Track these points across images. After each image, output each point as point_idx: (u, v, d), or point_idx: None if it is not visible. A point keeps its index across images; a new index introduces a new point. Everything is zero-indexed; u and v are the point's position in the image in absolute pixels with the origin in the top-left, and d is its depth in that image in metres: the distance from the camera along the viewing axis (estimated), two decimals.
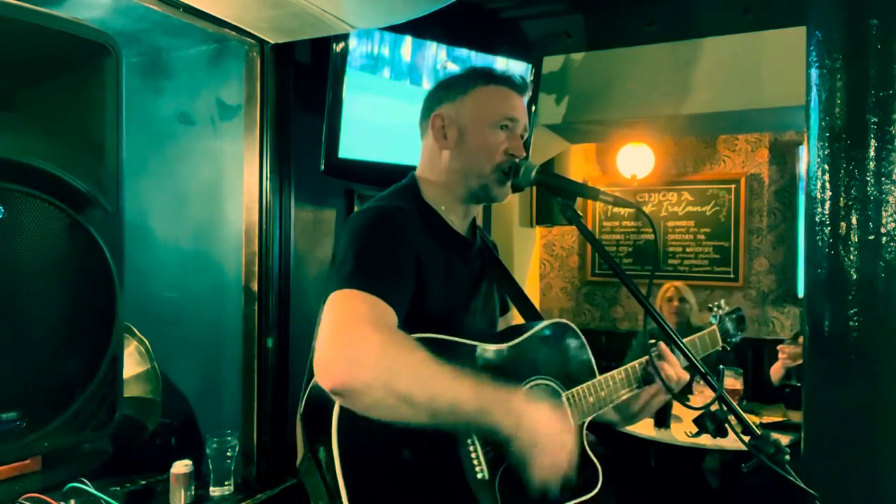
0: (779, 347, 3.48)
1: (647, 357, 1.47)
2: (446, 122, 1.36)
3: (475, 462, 1.20)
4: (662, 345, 1.48)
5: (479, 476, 1.20)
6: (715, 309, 1.79)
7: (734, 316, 1.81)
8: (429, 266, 1.26)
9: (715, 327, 1.75)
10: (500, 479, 1.21)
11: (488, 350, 1.30)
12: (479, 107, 1.35)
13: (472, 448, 1.21)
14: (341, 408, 1.08)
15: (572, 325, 1.48)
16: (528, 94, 1.44)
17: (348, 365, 1.01)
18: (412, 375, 1.03)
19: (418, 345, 1.08)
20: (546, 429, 1.11)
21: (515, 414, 1.09)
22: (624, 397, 1.47)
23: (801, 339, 3.12)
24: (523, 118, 1.38)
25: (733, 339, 1.79)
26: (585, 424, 1.43)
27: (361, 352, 1.01)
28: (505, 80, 1.39)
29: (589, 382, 1.41)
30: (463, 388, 1.06)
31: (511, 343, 1.36)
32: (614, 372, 1.46)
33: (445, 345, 1.22)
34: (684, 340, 1.55)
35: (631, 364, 1.49)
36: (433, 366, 1.06)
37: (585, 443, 1.42)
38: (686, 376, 1.47)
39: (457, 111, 1.36)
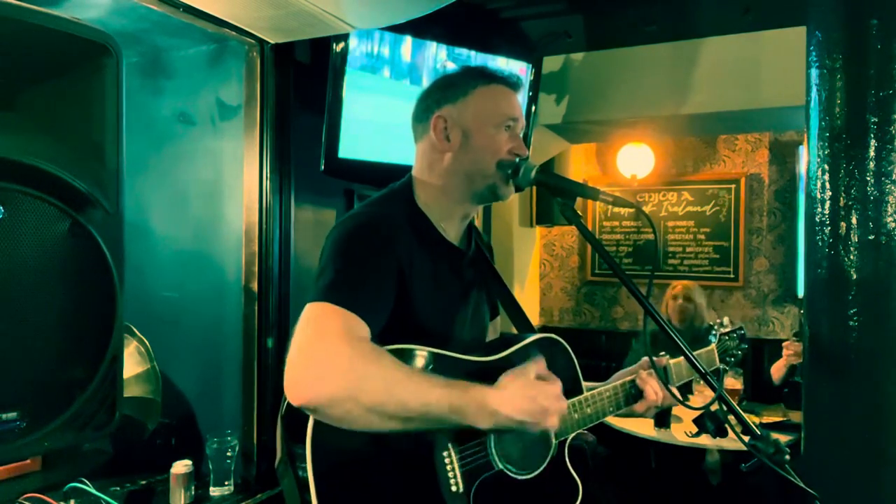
0: (784, 344, 3.47)
1: (635, 376, 1.48)
2: (449, 123, 1.33)
3: (450, 474, 1.19)
4: (645, 374, 1.49)
5: (454, 489, 1.19)
6: (716, 327, 1.77)
7: (735, 335, 1.79)
8: (415, 276, 1.24)
9: (713, 347, 1.72)
10: (474, 493, 1.21)
11: (470, 362, 1.28)
12: (483, 107, 1.33)
13: (447, 460, 1.19)
14: (316, 421, 1.08)
15: (561, 340, 1.46)
16: (523, 91, 1.43)
17: (314, 381, 1.02)
18: (379, 385, 1.03)
19: (386, 354, 1.07)
20: (525, 410, 1.12)
21: (490, 411, 1.09)
22: (611, 415, 1.47)
23: None
24: (522, 116, 1.38)
25: (733, 360, 1.77)
26: (569, 440, 1.42)
27: (327, 367, 1.02)
28: (503, 79, 1.38)
29: (575, 399, 1.40)
30: (433, 391, 1.06)
31: (496, 356, 1.34)
32: (602, 389, 1.45)
33: (425, 356, 1.21)
34: (678, 361, 1.56)
35: (621, 381, 1.49)
36: (400, 374, 1.06)
37: (567, 459, 1.41)
38: (665, 400, 1.48)
39: (459, 112, 1.33)
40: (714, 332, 1.76)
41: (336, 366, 1.02)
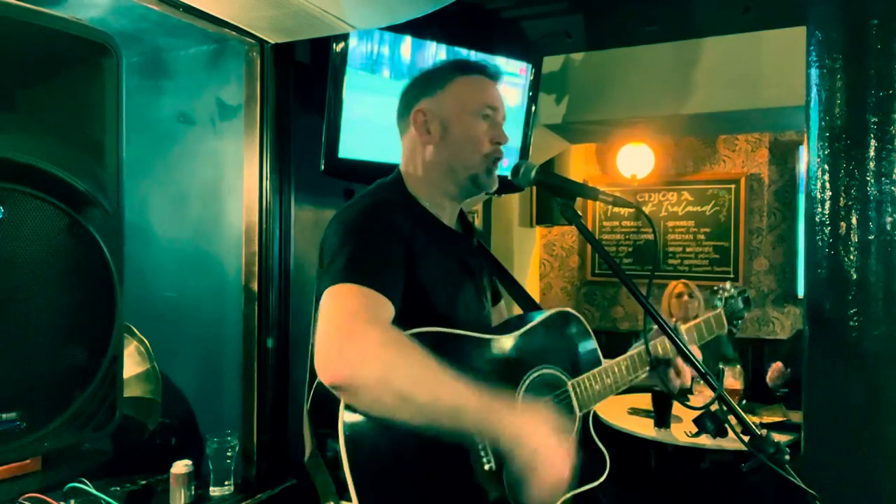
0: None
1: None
2: (428, 116, 1.36)
3: (482, 453, 1.20)
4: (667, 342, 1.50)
5: (487, 467, 1.19)
6: (720, 291, 1.77)
7: (740, 297, 1.78)
8: (419, 258, 1.25)
9: (721, 310, 1.73)
10: (507, 471, 1.21)
11: (491, 341, 1.30)
12: (459, 98, 1.36)
13: (479, 439, 1.20)
14: (347, 404, 1.08)
15: (575, 313, 1.50)
16: (503, 81, 1.44)
17: (349, 362, 1.01)
18: (414, 376, 1.03)
19: (419, 344, 1.07)
20: (545, 451, 1.10)
21: (516, 426, 1.09)
22: (630, 383, 1.49)
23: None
24: (502, 106, 1.40)
25: (739, 322, 1.76)
26: (592, 412, 1.44)
27: (362, 349, 1.02)
28: (480, 69, 1.40)
29: (595, 370, 1.43)
30: (465, 393, 1.06)
31: (514, 333, 1.36)
32: (620, 359, 1.49)
33: (448, 338, 1.22)
34: (691, 324, 1.61)
35: (637, 350, 1.50)
36: (435, 368, 1.06)
37: (592, 430, 1.43)
38: (688, 376, 1.49)
39: (437, 105, 1.36)
40: (720, 296, 1.75)
41: (369, 350, 1.02)
